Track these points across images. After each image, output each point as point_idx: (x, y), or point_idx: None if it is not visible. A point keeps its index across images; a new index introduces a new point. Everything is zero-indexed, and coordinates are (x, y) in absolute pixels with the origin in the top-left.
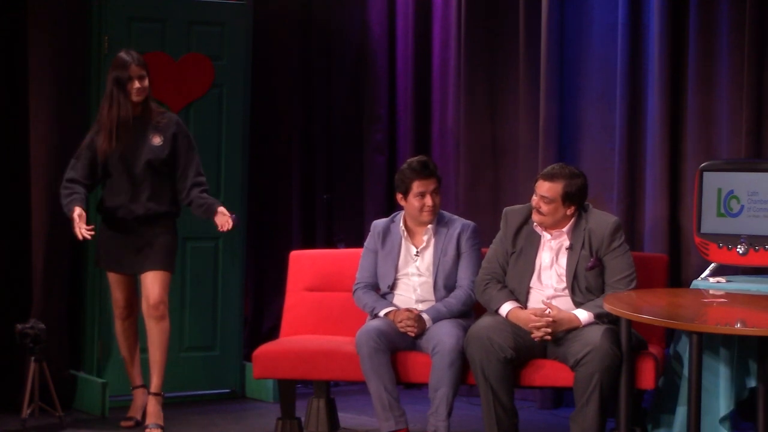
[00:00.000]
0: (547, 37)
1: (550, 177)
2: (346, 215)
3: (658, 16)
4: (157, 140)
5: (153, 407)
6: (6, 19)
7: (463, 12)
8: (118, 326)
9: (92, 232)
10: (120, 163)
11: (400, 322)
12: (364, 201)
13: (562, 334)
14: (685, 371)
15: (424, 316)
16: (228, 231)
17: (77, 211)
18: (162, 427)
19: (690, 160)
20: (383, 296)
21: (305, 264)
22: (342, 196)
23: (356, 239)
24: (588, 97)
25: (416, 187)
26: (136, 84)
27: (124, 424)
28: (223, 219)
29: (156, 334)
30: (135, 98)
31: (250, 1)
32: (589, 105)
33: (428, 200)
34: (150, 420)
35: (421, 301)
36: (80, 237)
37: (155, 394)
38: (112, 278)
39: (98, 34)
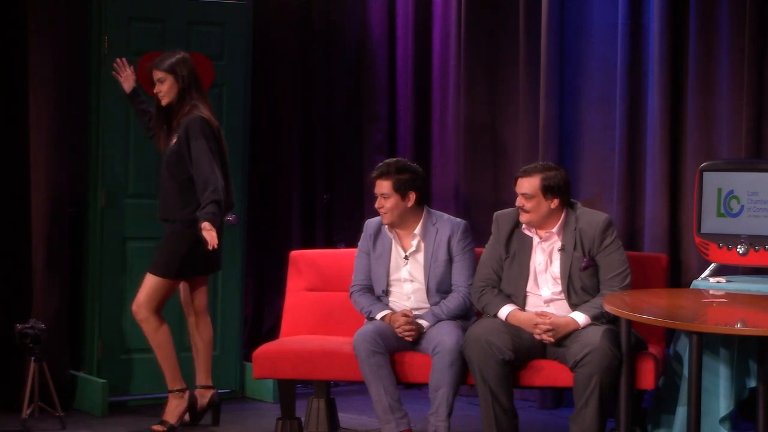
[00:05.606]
0: (547, 37)
1: (526, 173)
2: (346, 215)
3: (658, 16)
4: (173, 141)
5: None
6: (6, 19)
7: (463, 12)
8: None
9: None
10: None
11: (398, 327)
12: (364, 201)
13: (562, 337)
14: (685, 371)
15: (423, 322)
16: (214, 249)
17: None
18: (163, 423)
19: (690, 160)
20: (379, 298)
21: (305, 264)
22: (342, 196)
23: (356, 239)
24: (588, 98)
25: (374, 188)
26: (156, 88)
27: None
28: (208, 236)
29: (145, 334)
30: (163, 101)
31: (250, 1)
32: (589, 105)
33: (377, 203)
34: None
35: (416, 309)
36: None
37: (169, 392)
38: None
39: (98, 34)
